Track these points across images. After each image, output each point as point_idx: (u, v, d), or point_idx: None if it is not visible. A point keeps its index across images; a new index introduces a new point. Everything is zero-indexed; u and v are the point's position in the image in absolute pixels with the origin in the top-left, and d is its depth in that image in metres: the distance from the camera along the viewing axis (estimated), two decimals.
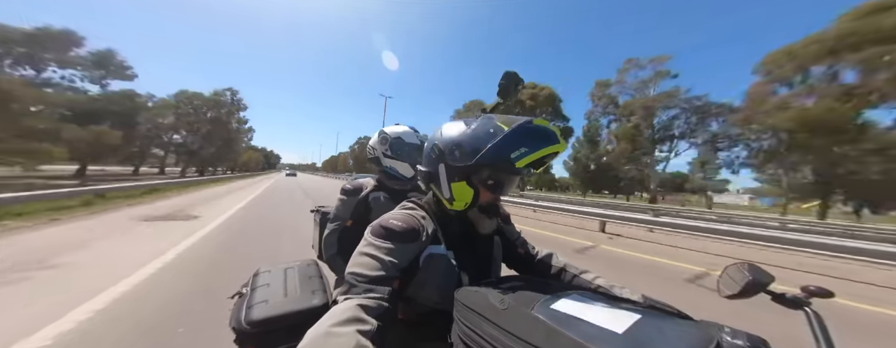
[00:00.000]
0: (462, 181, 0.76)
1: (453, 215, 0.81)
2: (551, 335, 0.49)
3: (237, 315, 0.93)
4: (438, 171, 0.79)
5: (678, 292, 3.92)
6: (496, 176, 0.77)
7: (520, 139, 0.70)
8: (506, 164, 0.70)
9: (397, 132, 1.51)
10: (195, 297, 2.97)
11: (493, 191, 0.78)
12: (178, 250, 4.57)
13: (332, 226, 1.37)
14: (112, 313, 2.62)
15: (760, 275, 0.70)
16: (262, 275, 1.14)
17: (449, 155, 0.76)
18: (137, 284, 3.26)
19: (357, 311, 0.56)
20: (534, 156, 0.69)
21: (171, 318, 2.55)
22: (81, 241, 4.90)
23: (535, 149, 0.69)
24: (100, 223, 6.52)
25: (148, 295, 3.02)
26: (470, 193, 0.76)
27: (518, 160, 0.69)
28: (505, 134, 0.70)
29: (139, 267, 3.73)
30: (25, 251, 4.33)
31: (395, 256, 0.68)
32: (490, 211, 0.80)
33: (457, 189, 0.77)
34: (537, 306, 0.57)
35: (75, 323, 2.43)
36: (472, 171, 0.75)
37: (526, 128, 0.71)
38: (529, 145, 0.70)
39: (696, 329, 0.54)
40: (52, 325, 2.38)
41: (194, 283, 3.34)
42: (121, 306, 2.75)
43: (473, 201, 0.77)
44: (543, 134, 0.71)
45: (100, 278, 3.34)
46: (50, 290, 3.04)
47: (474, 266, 0.81)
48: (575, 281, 0.88)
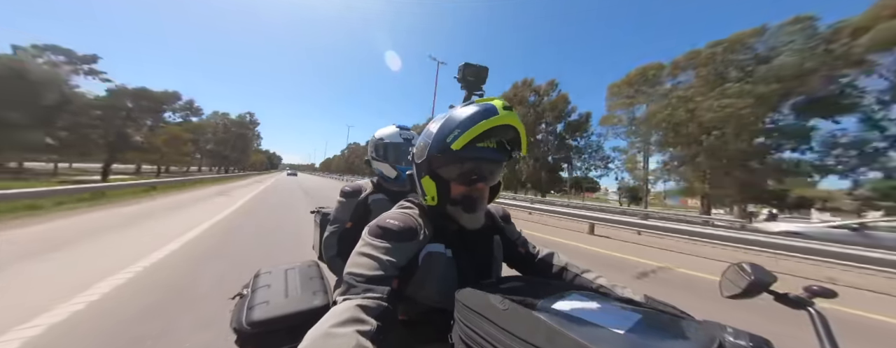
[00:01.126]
0: (426, 176, 0.77)
1: (438, 213, 0.80)
2: (552, 335, 0.48)
3: (238, 316, 0.92)
4: (415, 172, 0.82)
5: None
6: (461, 167, 0.75)
7: (455, 121, 0.71)
8: (445, 150, 0.71)
9: (382, 133, 1.52)
10: (252, 220, 7.22)
11: (462, 184, 0.76)
12: (238, 204, 10.28)
13: (331, 228, 1.37)
14: (215, 226, 6.01)
15: (763, 275, 0.70)
16: (263, 276, 1.14)
17: (417, 154, 0.80)
18: (225, 215, 7.85)
19: (356, 312, 0.55)
20: (467, 134, 0.68)
21: (230, 233, 5.66)
22: (185, 202, 10.31)
23: (466, 128, 0.68)
24: (191, 195, 12.51)
25: (233, 214, 8.15)
26: (433, 186, 0.76)
27: (453, 142, 0.69)
28: (444, 119, 0.70)
29: (228, 207, 9.35)
30: (148, 208, 8.43)
31: (393, 255, 0.67)
32: (465, 203, 0.76)
33: (425, 184, 0.78)
34: (538, 306, 0.57)
35: (181, 242, 4.77)
36: (432, 165, 0.76)
37: (461, 110, 0.72)
38: (463, 125, 0.69)
39: (698, 329, 0.53)
40: (173, 242, 4.73)
41: (257, 210, 9.09)
42: (220, 223, 6.55)
43: (443, 195, 0.76)
44: (480, 111, 0.70)
45: (205, 213, 7.82)
46: (182, 218, 6.93)
47: (474, 265, 0.80)
48: (576, 280, 0.87)
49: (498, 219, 0.95)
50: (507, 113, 0.70)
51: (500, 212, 0.99)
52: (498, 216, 0.96)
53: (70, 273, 3.25)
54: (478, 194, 0.77)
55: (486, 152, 0.73)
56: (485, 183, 0.77)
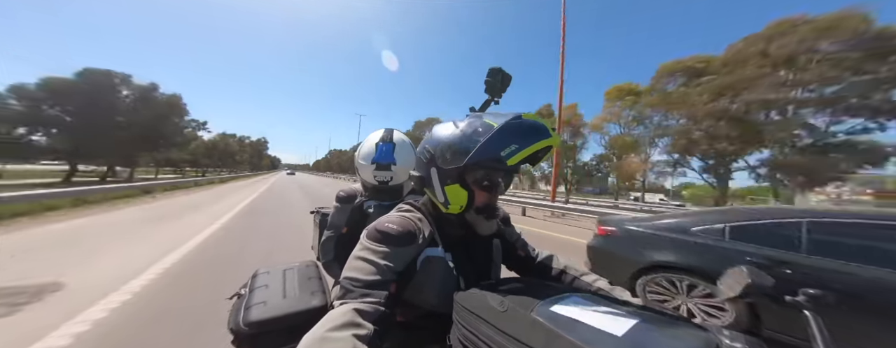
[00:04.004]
0: (455, 184, 0.74)
1: (452, 218, 0.79)
2: (551, 338, 0.48)
3: (235, 316, 0.92)
4: (431, 175, 0.77)
5: None
6: (489, 175, 0.75)
7: (510, 136, 0.69)
8: (497, 163, 0.69)
9: (367, 138, 1.45)
10: (282, 183, 27.14)
11: (488, 192, 0.76)
12: (274, 179, 36.19)
13: (328, 233, 1.36)
14: (252, 202, 11.04)
15: (760, 278, 0.70)
16: (261, 277, 1.14)
17: (440, 158, 0.75)
18: (272, 181, 28.69)
19: (353, 316, 0.55)
20: (525, 151, 0.68)
21: (274, 187, 19.93)
22: (246, 183, 25.78)
23: (525, 145, 0.68)
24: (247, 181, 30.46)
25: (275, 182, 27.69)
26: (464, 195, 0.74)
27: (509, 157, 0.67)
28: (494, 131, 0.68)
29: (271, 180, 30.09)
30: (230, 186, 18.68)
31: (391, 260, 0.66)
32: (488, 212, 0.77)
33: (451, 192, 0.75)
34: (537, 308, 0.57)
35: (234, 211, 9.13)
36: (464, 173, 0.74)
37: (515, 124, 0.70)
38: (520, 141, 0.68)
39: (696, 332, 0.53)
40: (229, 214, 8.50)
41: (280, 181, 30.75)
42: (271, 186, 21.29)
43: (469, 203, 0.75)
44: (534, 129, 0.70)
45: (263, 183, 24.87)
46: (252, 187, 19.65)
47: (473, 268, 0.80)
48: (575, 283, 0.87)
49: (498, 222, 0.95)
50: (555, 134, 0.72)
51: (500, 214, 0.99)
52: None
53: (188, 225, 6.39)
54: (495, 201, 0.79)
55: (520, 166, 0.74)
56: (503, 191, 0.79)
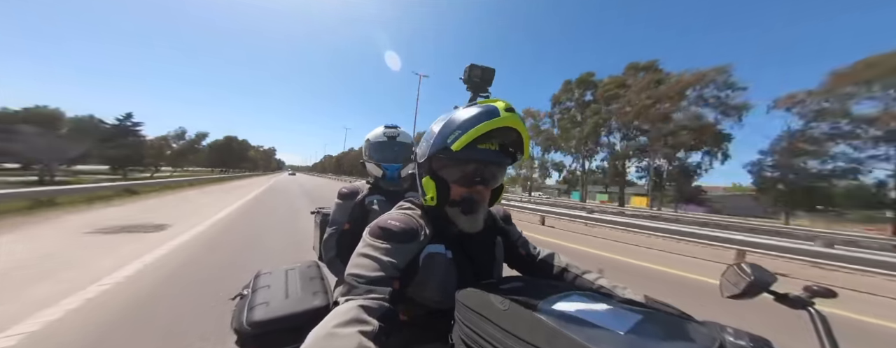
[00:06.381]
0: (427, 176, 0.77)
1: (437, 214, 0.79)
2: (553, 336, 0.48)
3: (238, 316, 0.93)
4: (416, 171, 0.82)
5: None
6: (460, 166, 0.74)
7: (457, 122, 0.70)
8: (446, 151, 0.71)
9: (370, 134, 1.53)
10: (287, 179, 42.82)
11: (461, 185, 0.75)
12: (284, 176, 63.66)
13: (330, 230, 1.36)
14: (259, 194, 15.40)
15: (763, 275, 0.69)
16: (263, 277, 1.14)
17: (419, 153, 0.80)
18: (262, 189, 20.50)
19: (358, 312, 0.55)
20: (468, 135, 0.67)
21: (280, 180, 35.95)
22: (265, 178, 43.79)
23: (467, 129, 0.68)
24: (249, 182, 31.83)
25: (274, 184, 27.74)
26: (433, 187, 0.76)
27: (453, 143, 0.68)
28: (447, 120, 0.70)
29: (262, 185, 27.32)
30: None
31: (393, 256, 0.67)
32: (465, 206, 0.75)
33: (425, 184, 0.78)
34: (539, 307, 0.57)
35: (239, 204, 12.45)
36: (433, 165, 0.77)
37: (464, 110, 0.71)
38: (464, 126, 0.69)
39: (699, 329, 0.53)
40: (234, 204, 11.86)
41: (282, 187, 24.20)
42: (278, 180, 38.19)
43: (443, 196, 0.76)
44: (482, 112, 0.69)
45: (248, 191, 18.17)
46: (273, 180, 35.21)
47: (475, 266, 0.80)
48: (577, 281, 0.87)
49: (499, 221, 0.95)
50: (509, 114, 0.69)
51: (501, 213, 0.99)
52: (499, 217, 0.96)
53: (242, 194, 14.34)
54: (478, 196, 0.76)
55: (486, 154, 0.73)
56: (485, 185, 0.77)
